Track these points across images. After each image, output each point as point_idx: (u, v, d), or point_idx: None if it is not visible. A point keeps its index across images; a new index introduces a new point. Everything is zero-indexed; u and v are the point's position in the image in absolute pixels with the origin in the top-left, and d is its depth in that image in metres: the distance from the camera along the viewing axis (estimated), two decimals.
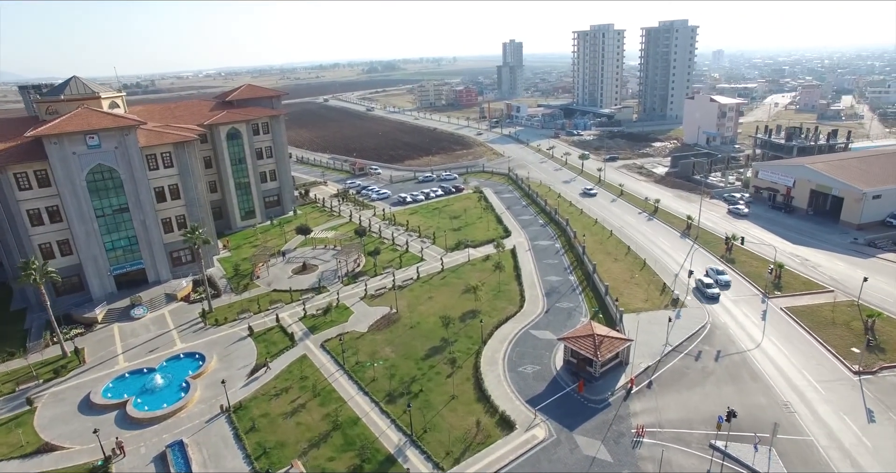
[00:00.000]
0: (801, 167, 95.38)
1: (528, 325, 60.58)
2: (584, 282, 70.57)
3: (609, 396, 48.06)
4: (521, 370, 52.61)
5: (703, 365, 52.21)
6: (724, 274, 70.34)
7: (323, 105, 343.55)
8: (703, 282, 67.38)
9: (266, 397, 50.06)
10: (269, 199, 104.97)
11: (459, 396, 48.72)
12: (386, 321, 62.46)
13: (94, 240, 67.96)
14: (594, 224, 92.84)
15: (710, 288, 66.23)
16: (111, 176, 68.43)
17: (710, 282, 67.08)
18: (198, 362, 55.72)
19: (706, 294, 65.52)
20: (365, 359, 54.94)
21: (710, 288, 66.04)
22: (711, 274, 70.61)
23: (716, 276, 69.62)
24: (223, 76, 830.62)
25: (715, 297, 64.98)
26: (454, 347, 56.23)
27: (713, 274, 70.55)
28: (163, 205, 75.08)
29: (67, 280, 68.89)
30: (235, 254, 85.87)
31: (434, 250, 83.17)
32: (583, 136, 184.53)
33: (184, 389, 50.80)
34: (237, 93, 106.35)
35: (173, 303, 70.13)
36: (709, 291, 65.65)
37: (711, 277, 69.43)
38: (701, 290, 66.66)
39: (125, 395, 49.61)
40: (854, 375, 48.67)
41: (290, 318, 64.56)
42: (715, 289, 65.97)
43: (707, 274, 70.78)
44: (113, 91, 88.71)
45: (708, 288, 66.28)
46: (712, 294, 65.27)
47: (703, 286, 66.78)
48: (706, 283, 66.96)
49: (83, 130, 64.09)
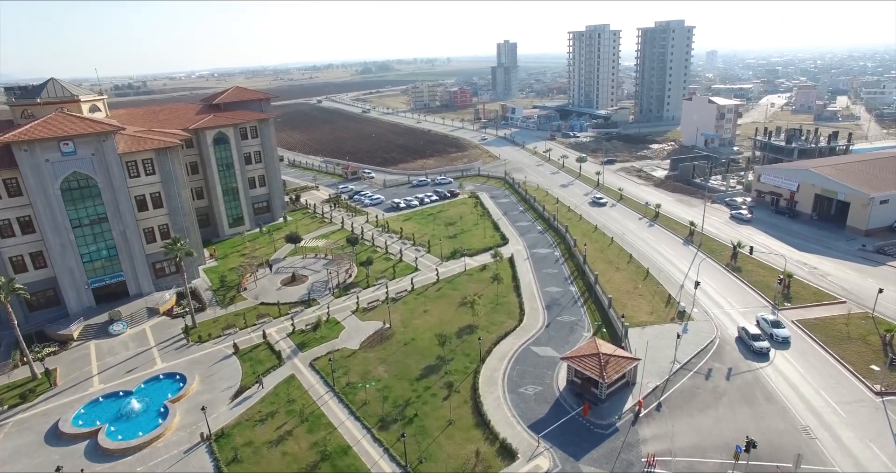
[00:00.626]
0: (805, 171, 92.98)
1: (529, 341, 57.56)
2: (586, 294, 67.66)
3: (616, 420, 45.10)
4: (521, 391, 49.56)
5: (714, 384, 49.35)
6: (781, 326, 55.80)
7: (316, 106, 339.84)
8: (747, 332, 54.74)
9: (250, 423, 46.74)
10: (258, 206, 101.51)
11: (457, 421, 45.61)
12: (379, 337, 59.26)
13: (70, 252, 64.35)
14: (594, 230, 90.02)
15: (758, 340, 53.50)
16: (88, 184, 64.88)
17: (756, 334, 54.39)
18: (178, 384, 52.30)
19: (753, 348, 53.12)
20: (356, 380, 51.73)
21: (757, 341, 53.31)
22: (763, 324, 56.65)
23: (769, 328, 55.63)
24: (216, 77, 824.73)
25: (763, 353, 52.45)
26: (451, 366, 53.15)
27: (766, 324, 56.40)
28: (144, 214, 71.58)
29: (42, 294, 65.44)
30: (222, 264, 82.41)
31: (429, 259, 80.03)
32: (579, 138, 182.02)
33: (162, 414, 47.42)
34: (224, 95, 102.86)
35: (155, 318, 66.62)
36: (756, 345, 52.98)
37: (763, 329, 56.11)
38: (744, 341, 54.60)
39: (98, 422, 46.12)
40: (876, 396, 45.91)
41: (277, 334, 61.25)
42: (763, 343, 53.16)
43: (758, 323, 57.39)
44: (94, 94, 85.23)
45: (755, 340, 53.56)
46: (760, 348, 52.67)
47: (749, 337, 54.21)
48: (752, 334, 54.23)
49: (56, 136, 60.50)
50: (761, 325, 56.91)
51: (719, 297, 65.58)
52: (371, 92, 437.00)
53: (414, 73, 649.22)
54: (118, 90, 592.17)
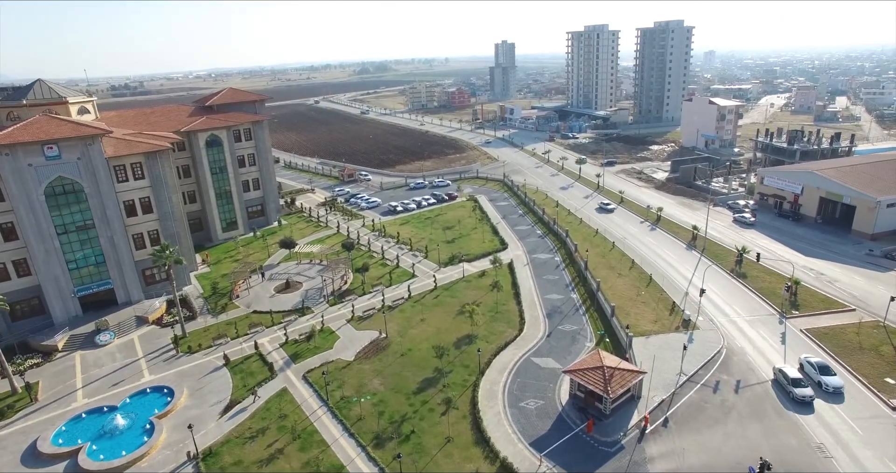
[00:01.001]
0: (809, 173, 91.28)
1: (529, 352, 55.63)
2: (588, 301, 65.79)
3: (622, 437, 43.23)
4: (522, 405, 47.65)
5: (722, 397, 47.50)
6: (830, 372, 47.35)
7: (313, 107, 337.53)
8: (786, 375, 46.84)
9: (240, 440, 44.74)
10: (252, 209, 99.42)
11: (455, 438, 43.69)
12: (374, 347, 57.27)
13: (55, 260, 62.22)
14: (595, 235, 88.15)
15: (799, 386, 45.44)
16: (74, 189, 62.78)
17: (798, 378, 46.26)
18: (166, 398, 50.24)
19: (794, 396, 44.84)
20: (351, 394, 49.75)
21: (798, 387, 45.28)
22: (809, 368, 48.12)
23: (817, 375, 47.03)
24: (213, 77, 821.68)
25: (807, 402, 44.63)
26: (449, 378, 51.19)
27: (812, 369, 47.71)
28: (133, 219, 69.49)
29: (26, 302, 63.28)
30: (215, 270, 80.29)
31: (426, 265, 78.07)
32: (578, 139, 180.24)
33: (147, 431, 45.34)
34: (218, 97, 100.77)
35: (144, 327, 64.54)
36: (797, 392, 44.81)
37: (808, 373, 47.92)
38: (782, 386, 46.68)
39: (79, 441, 43.99)
40: (893, 411, 44.07)
41: (270, 344, 59.22)
42: (806, 391, 45.04)
43: (801, 366, 48.96)
44: (83, 95, 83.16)
45: (796, 385, 45.51)
46: (802, 397, 44.55)
47: (789, 382, 46.15)
48: (793, 379, 46.18)
49: (39, 140, 58.38)
50: (805, 369, 48.57)
51: (725, 305, 63.78)
52: (368, 92, 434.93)
53: (412, 74, 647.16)
54: (115, 90, 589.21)
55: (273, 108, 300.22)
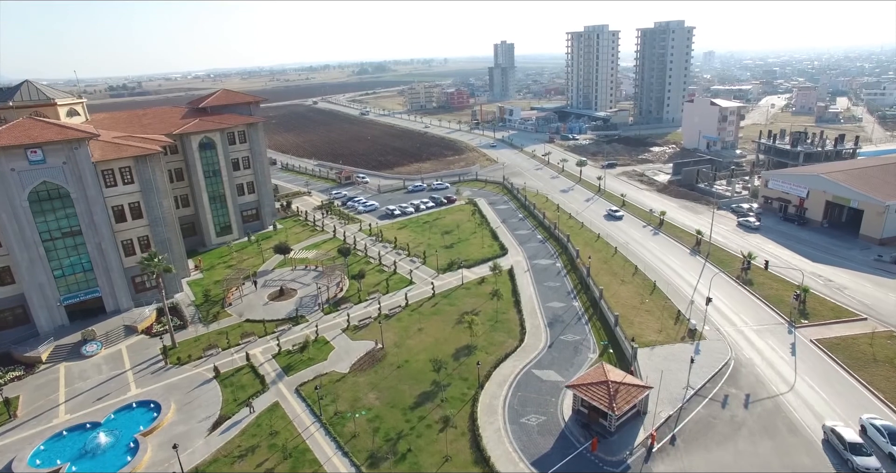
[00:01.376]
0: (815, 177, 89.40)
1: (531, 363, 53.67)
2: (591, 309, 63.87)
3: (628, 456, 41.31)
4: (523, 421, 45.71)
5: (731, 413, 45.63)
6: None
7: (311, 108, 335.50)
8: (842, 440, 39.81)
9: (229, 459, 42.76)
10: (246, 213, 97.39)
11: (454, 457, 41.75)
12: (370, 359, 55.29)
13: (40, 267, 60.24)
14: (596, 239, 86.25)
15: (861, 453, 38.59)
16: (59, 194, 60.79)
17: (858, 444, 39.26)
18: (152, 413, 48.25)
19: (854, 465, 38.11)
20: (345, 409, 47.75)
21: (859, 456, 38.40)
22: (873, 431, 40.94)
23: (886, 442, 39.79)
24: (212, 78, 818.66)
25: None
26: (447, 392, 49.21)
27: (876, 432, 40.71)
28: (122, 225, 67.49)
29: (9, 312, 61.24)
30: (208, 276, 78.30)
31: (424, 271, 76.09)
32: (578, 141, 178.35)
33: (131, 450, 43.35)
34: (212, 99, 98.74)
35: (133, 337, 62.53)
36: (858, 462, 38.02)
37: (872, 438, 40.87)
38: (837, 450, 40.00)
39: (58, 461, 41.99)
40: None
41: (262, 355, 57.22)
42: (870, 460, 38.09)
43: (863, 429, 41.80)
44: (72, 96, 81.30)
45: (856, 453, 38.65)
46: (866, 469, 37.73)
47: (846, 448, 39.23)
48: (851, 444, 39.22)
49: (22, 144, 56.34)
50: (869, 433, 41.26)
51: (731, 313, 61.91)
52: (367, 93, 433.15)
53: (410, 74, 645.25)
54: (113, 91, 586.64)
55: (271, 109, 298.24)
